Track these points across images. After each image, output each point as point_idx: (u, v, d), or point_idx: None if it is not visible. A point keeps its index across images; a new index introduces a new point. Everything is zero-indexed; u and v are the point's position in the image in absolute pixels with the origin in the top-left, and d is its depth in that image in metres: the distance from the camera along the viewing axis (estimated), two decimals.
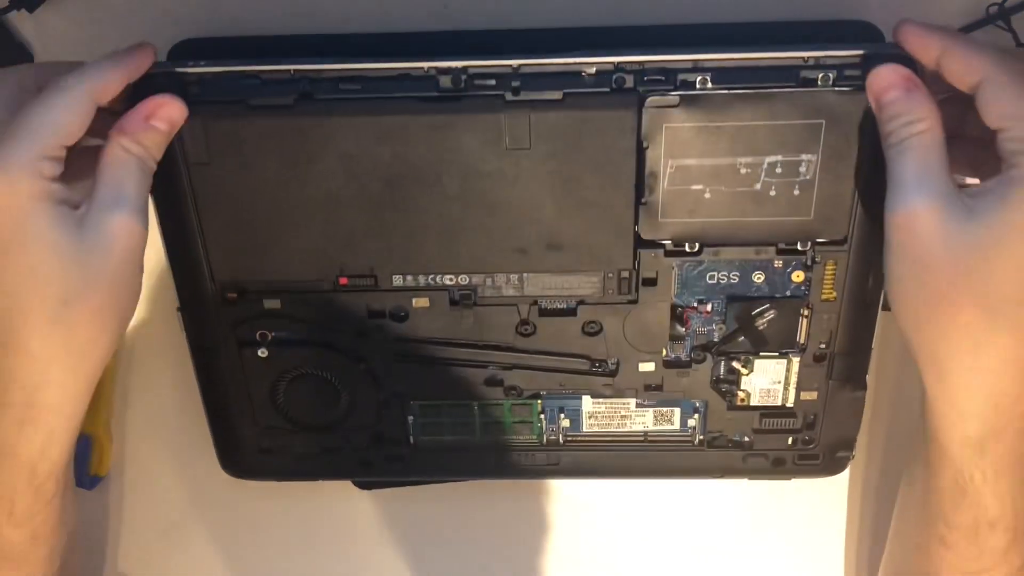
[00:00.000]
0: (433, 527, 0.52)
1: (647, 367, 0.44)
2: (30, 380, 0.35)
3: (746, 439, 0.46)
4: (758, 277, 0.42)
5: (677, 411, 0.46)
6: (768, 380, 0.44)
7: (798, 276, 0.42)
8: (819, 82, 0.37)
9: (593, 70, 0.37)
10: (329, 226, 0.41)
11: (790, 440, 0.46)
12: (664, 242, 0.41)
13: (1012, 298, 0.33)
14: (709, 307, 0.43)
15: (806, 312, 0.42)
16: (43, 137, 0.34)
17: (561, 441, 0.47)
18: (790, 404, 0.45)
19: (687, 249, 0.41)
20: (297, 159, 0.39)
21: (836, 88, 0.37)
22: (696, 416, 0.46)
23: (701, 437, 0.46)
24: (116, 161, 0.36)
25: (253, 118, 0.38)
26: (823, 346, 0.43)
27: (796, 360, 0.44)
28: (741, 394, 0.45)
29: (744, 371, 0.44)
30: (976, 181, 0.38)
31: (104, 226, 0.35)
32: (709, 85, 0.37)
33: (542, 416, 0.46)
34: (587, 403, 0.46)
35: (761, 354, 0.44)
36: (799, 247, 0.41)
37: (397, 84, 0.38)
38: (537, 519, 0.52)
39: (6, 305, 0.34)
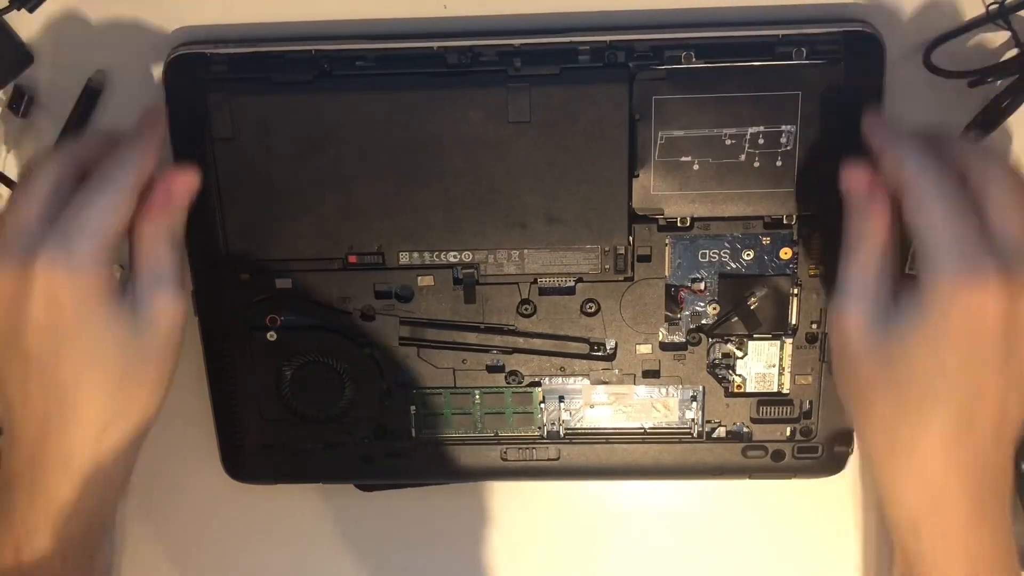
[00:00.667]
0: (433, 527, 0.51)
1: (644, 349, 0.45)
2: (90, 446, 0.38)
3: (744, 429, 0.46)
4: (747, 255, 0.44)
5: (675, 402, 0.47)
6: (763, 364, 0.45)
7: (786, 253, 0.44)
8: (793, 56, 0.40)
9: (587, 47, 0.41)
10: (341, 202, 0.43)
11: (788, 431, 0.46)
12: (657, 216, 0.43)
13: (920, 395, 0.36)
14: (702, 286, 0.45)
15: (795, 290, 0.44)
16: (102, 231, 0.36)
17: (562, 434, 0.47)
18: (786, 390, 0.46)
19: (679, 223, 0.43)
20: (314, 134, 0.42)
21: (809, 62, 0.40)
22: (694, 406, 0.46)
23: (700, 429, 0.47)
24: (149, 243, 0.38)
25: (275, 94, 0.41)
26: (814, 325, 0.44)
27: (788, 342, 0.45)
28: (737, 379, 0.46)
29: (739, 353, 0.45)
30: None
31: (150, 305, 0.38)
32: (694, 60, 0.41)
33: (543, 406, 0.47)
34: (587, 394, 0.47)
35: (754, 336, 0.45)
36: (784, 220, 0.43)
37: (408, 61, 0.41)
38: (537, 518, 0.51)
39: (69, 390, 0.37)
